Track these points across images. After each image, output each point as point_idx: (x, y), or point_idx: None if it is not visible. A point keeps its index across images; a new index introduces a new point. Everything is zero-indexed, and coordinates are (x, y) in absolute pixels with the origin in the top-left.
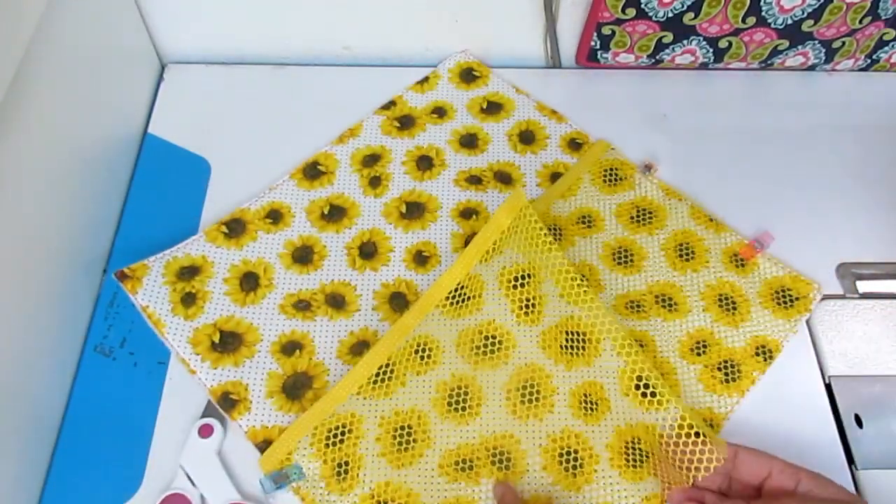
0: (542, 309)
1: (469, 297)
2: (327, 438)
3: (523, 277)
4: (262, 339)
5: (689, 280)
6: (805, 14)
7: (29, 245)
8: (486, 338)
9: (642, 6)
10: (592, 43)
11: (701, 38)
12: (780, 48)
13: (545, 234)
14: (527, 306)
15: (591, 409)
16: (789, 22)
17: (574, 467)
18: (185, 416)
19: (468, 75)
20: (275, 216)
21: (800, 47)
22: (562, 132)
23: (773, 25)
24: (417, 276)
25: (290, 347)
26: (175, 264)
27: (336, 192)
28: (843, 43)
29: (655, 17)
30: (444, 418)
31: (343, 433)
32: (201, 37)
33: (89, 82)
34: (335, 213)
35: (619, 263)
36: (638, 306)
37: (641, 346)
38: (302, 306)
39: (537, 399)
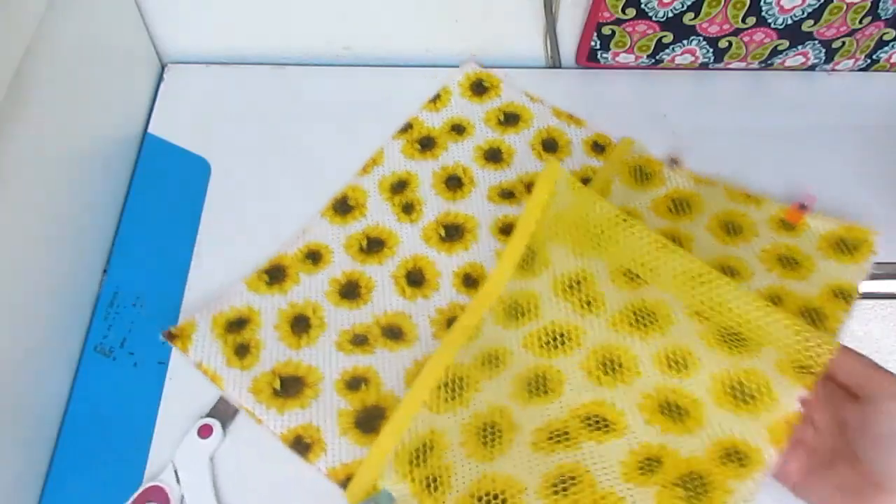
0: (604, 301)
1: (525, 312)
2: (411, 460)
3: (577, 283)
4: (324, 378)
5: (743, 251)
6: (805, 14)
7: (29, 245)
8: (553, 335)
9: (642, 6)
10: (592, 43)
11: (701, 38)
12: (780, 48)
13: (599, 201)
14: (587, 303)
15: (682, 366)
16: (789, 22)
17: (680, 415)
18: (185, 416)
19: (479, 87)
20: (314, 257)
21: (800, 47)
22: (583, 136)
23: (773, 25)
24: (471, 298)
25: (355, 383)
26: (221, 318)
27: (371, 224)
28: (843, 43)
29: (655, 17)
30: (527, 404)
31: (426, 450)
32: (201, 37)
33: (89, 82)
34: (374, 245)
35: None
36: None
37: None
38: (359, 341)
39: (620, 367)
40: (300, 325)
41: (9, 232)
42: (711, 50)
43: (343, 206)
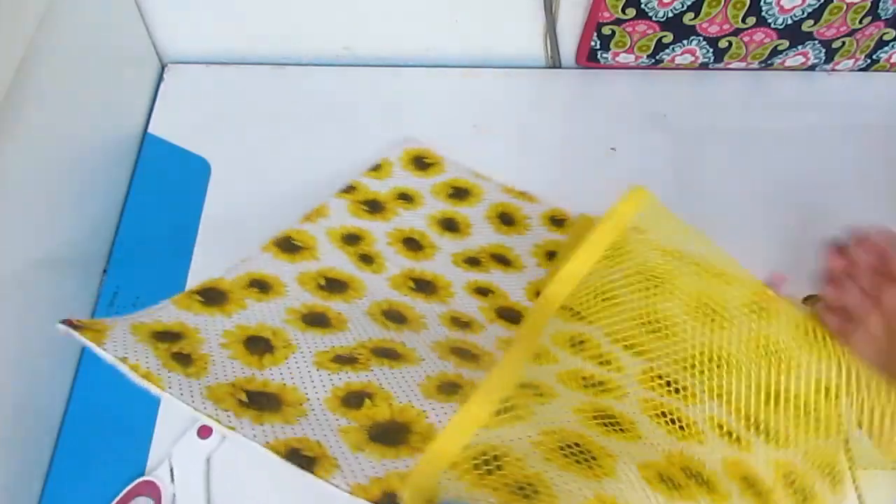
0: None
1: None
2: (477, 471)
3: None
4: (308, 398)
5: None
6: (805, 14)
7: (29, 245)
8: (595, 378)
9: (642, 6)
10: (592, 43)
11: (701, 38)
12: (780, 48)
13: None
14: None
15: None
16: (789, 22)
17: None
18: (184, 416)
19: (420, 163)
20: (261, 286)
21: (800, 47)
22: (539, 211)
23: (773, 25)
24: (468, 335)
25: (356, 399)
26: (145, 328)
27: (326, 267)
28: (843, 43)
29: (655, 17)
30: (607, 435)
31: (495, 461)
32: (201, 37)
33: (89, 82)
34: (335, 286)
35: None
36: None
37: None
38: (345, 360)
39: (680, 424)
40: (258, 345)
41: (9, 232)
42: (711, 50)
43: (288, 245)
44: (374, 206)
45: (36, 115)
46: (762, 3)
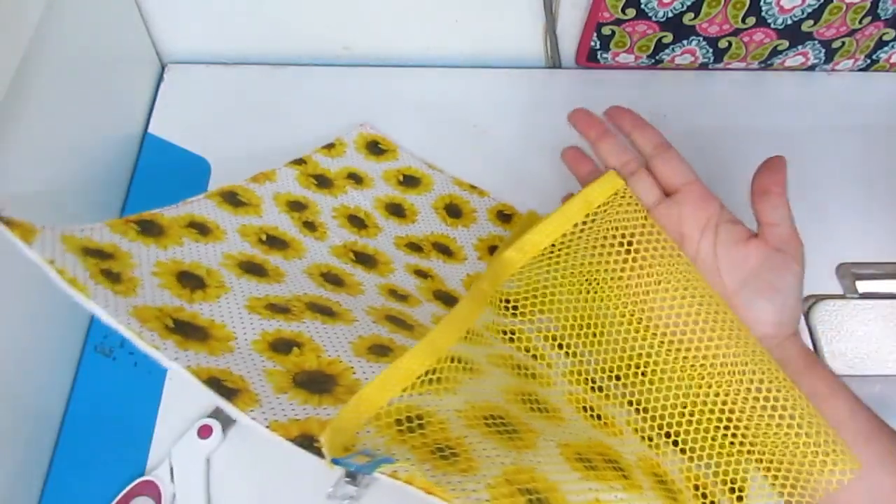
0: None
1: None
2: (398, 428)
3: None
4: (236, 337)
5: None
6: (805, 14)
7: None
8: (524, 365)
9: (642, 6)
10: (592, 43)
11: (701, 39)
12: (779, 48)
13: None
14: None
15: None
16: (789, 22)
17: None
18: (184, 416)
19: (375, 148)
20: (200, 228)
21: (800, 47)
22: (487, 206)
23: (772, 26)
24: (405, 307)
25: (285, 345)
26: (75, 241)
27: (269, 224)
28: (843, 43)
29: (655, 17)
30: (533, 416)
31: (418, 421)
32: (201, 37)
33: (89, 82)
34: (276, 242)
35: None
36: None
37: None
38: (279, 309)
39: (601, 421)
40: (190, 280)
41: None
42: (711, 50)
43: (232, 199)
44: (322, 181)
45: (35, 115)
46: (762, 4)
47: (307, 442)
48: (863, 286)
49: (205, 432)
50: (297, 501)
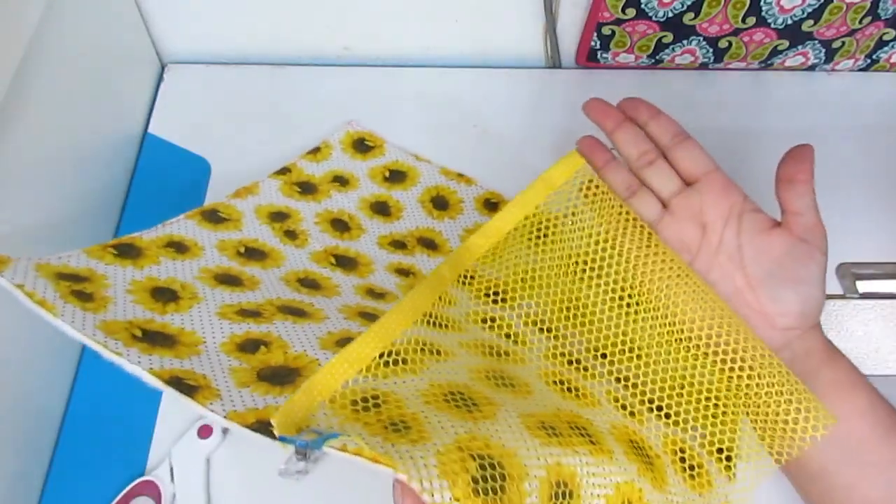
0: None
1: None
2: (354, 407)
3: (497, 296)
4: (204, 341)
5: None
6: (805, 14)
7: (29, 245)
8: (495, 346)
9: (642, 6)
10: (592, 43)
11: (701, 38)
12: (780, 48)
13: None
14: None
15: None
16: (789, 22)
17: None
18: (184, 417)
19: (361, 145)
20: (178, 247)
21: (800, 47)
22: (474, 194)
23: (773, 25)
24: (380, 304)
25: (252, 345)
26: (50, 268)
27: (249, 238)
28: (843, 43)
29: (655, 17)
30: (497, 390)
31: (374, 400)
32: (201, 37)
33: (89, 82)
34: (255, 254)
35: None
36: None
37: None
38: (249, 314)
39: (577, 393)
40: (164, 295)
41: (9, 231)
42: (711, 50)
43: (213, 216)
44: (306, 188)
45: (35, 115)
46: (762, 3)
47: (263, 427)
48: (863, 286)
49: (205, 432)
50: (297, 502)
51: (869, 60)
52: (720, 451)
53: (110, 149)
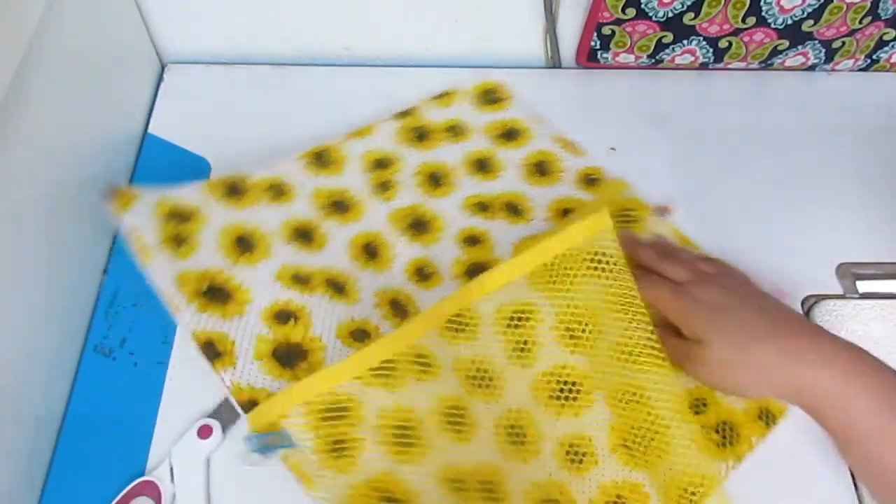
0: (536, 353)
1: (465, 327)
2: (323, 414)
3: (520, 318)
4: (252, 301)
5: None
6: (805, 14)
7: (29, 245)
8: (480, 370)
9: (642, 6)
10: (592, 43)
11: (701, 38)
12: (780, 48)
13: (541, 275)
14: (521, 348)
15: (579, 461)
16: (789, 22)
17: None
18: (184, 416)
19: (489, 97)
20: (277, 191)
21: (800, 47)
22: (578, 166)
23: (773, 25)
24: (418, 290)
25: (285, 316)
26: (167, 203)
27: (343, 187)
28: (843, 43)
29: (655, 17)
30: (442, 430)
31: (341, 412)
32: (201, 37)
33: (89, 82)
34: (339, 207)
35: (621, 309)
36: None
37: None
38: (300, 279)
39: (523, 443)
40: (242, 244)
41: (9, 232)
42: (711, 50)
43: (320, 159)
44: (421, 134)
45: (35, 115)
46: (762, 3)
47: (250, 407)
48: (863, 286)
49: (205, 432)
50: (296, 502)
51: (869, 60)
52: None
53: (110, 149)
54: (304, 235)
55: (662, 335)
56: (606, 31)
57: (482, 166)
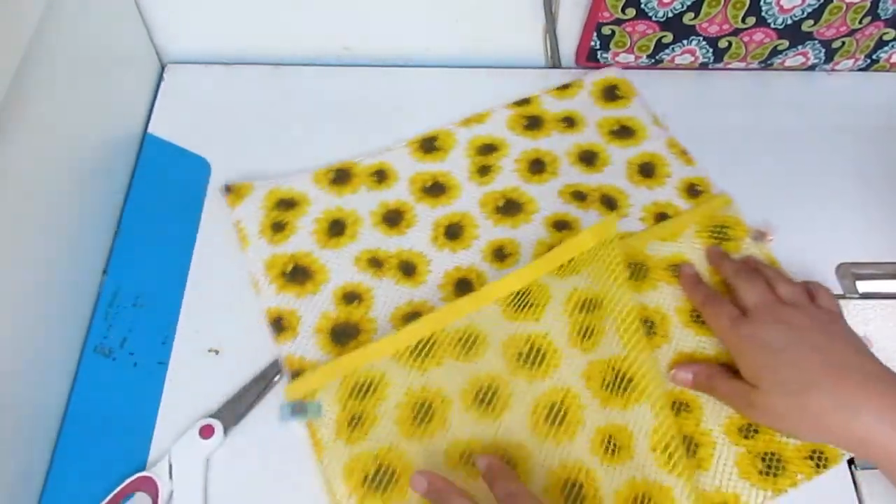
0: (599, 340)
1: (531, 305)
2: (353, 389)
3: (591, 305)
4: (329, 281)
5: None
6: (805, 14)
7: (29, 245)
8: (533, 349)
9: (642, 6)
10: (592, 43)
11: (701, 38)
12: (780, 48)
13: (622, 270)
14: (584, 333)
15: (613, 451)
16: (789, 22)
17: (576, 501)
18: (184, 417)
19: (611, 93)
20: (381, 175)
21: (800, 47)
22: (685, 174)
23: (772, 25)
24: (492, 268)
25: (351, 297)
26: (277, 193)
27: (444, 171)
28: (843, 43)
29: (655, 17)
30: (467, 410)
31: (368, 389)
32: (201, 37)
33: (89, 82)
34: (436, 189)
35: (700, 322)
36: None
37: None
38: (375, 263)
39: (561, 423)
40: (336, 228)
41: (9, 232)
42: (711, 50)
43: (429, 145)
44: (533, 122)
45: (35, 115)
46: (762, 3)
47: (297, 376)
48: (863, 286)
49: (206, 432)
50: (296, 502)
51: (869, 60)
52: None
53: (110, 149)
54: (391, 219)
55: (719, 376)
56: (606, 31)
57: (588, 159)
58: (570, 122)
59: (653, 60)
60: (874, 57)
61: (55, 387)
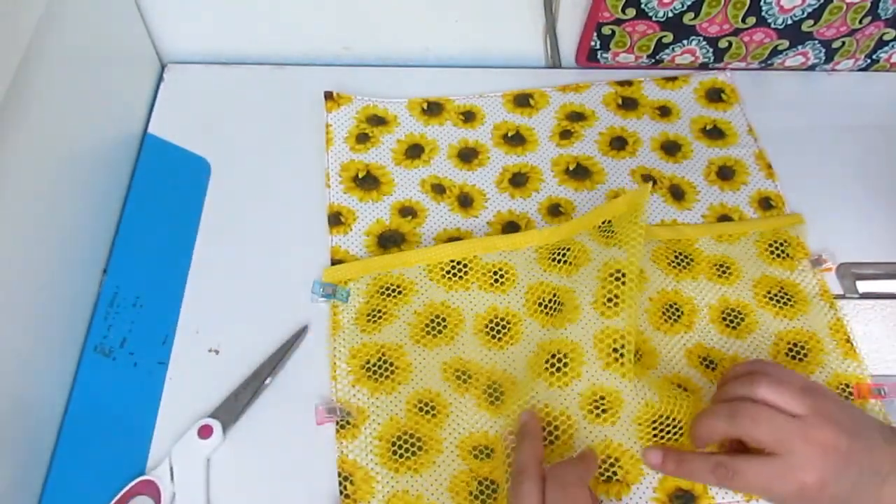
0: (619, 311)
1: (568, 262)
2: (382, 287)
3: (622, 277)
4: (392, 194)
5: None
6: (805, 14)
7: (29, 245)
8: (556, 300)
9: (642, 6)
10: (592, 43)
11: (701, 38)
12: (780, 48)
13: (639, 237)
14: (609, 300)
15: (601, 411)
16: (789, 22)
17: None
18: (184, 416)
19: (715, 95)
20: (469, 116)
21: (800, 47)
22: (761, 186)
23: (773, 25)
24: (542, 221)
25: (407, 211)
26: (371, 109)
27: (528, 125)
28: (843, 43)
29: (655, 17)
30: (476, 334)
31: (395, 291)
32: (201, 37)
33: (89, 82)
34: (516, 139)
35: (727, 323)
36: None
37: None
38: (438, 189)
39: (559, 371)
40: (414, 151)
41: (9, 232)
42: (711, 50)
43: (522, 100)
44: (628, 104)
45: (35, 116)
46: (762, 3)
47: (336, 263)
48: (863, 286)
49: (205, 432)
50: (295, 502)
51: (869, 60)
52: None
53: (110, 149)
54: (466, 156)
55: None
56: (606, 31)
57: (670, 149)
58: (665, 111)
59: (653, 60)
60: (874, 57)
61: (55, 387)
